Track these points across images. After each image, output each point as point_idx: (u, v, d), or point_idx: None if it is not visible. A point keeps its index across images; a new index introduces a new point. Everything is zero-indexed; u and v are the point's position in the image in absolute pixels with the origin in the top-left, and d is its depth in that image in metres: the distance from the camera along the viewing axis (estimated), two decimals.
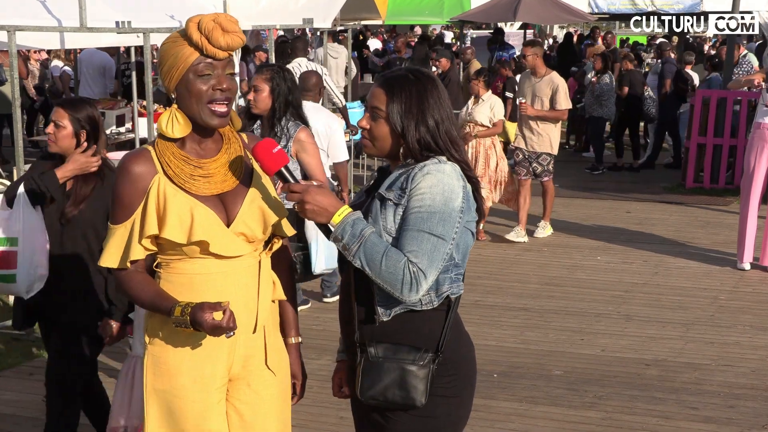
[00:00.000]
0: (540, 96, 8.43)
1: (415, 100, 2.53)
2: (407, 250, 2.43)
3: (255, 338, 2.61)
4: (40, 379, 5.26)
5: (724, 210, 10.17)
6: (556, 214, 9.78)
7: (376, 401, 2.54)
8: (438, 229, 2.44)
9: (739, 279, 7.44)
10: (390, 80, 2.58)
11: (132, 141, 8.66)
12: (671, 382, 5.30)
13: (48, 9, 6.47)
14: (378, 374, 2.52)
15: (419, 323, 2.53)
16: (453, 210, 2.46)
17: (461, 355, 2.62)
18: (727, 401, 5.03)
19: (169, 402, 2.56)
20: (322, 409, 4.72)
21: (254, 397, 2.65)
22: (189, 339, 2.53)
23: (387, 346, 2.53)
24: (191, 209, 2.48)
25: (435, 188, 2.45)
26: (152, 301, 2.51)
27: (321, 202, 2.45)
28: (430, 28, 24.52)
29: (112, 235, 2.54)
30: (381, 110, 2.54)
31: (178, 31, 2.51)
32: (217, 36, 2.42)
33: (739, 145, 11.01)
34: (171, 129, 2.51)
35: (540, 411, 4.90)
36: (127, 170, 2.50)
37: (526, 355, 5.72)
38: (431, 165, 2.49)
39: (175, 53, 2.47)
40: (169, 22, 7.45)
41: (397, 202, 2.48)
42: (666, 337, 6.07)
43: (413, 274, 2.41)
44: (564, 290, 7.12)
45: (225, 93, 2.48)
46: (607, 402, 5.00)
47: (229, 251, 2.52)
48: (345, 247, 2.45)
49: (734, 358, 5.69)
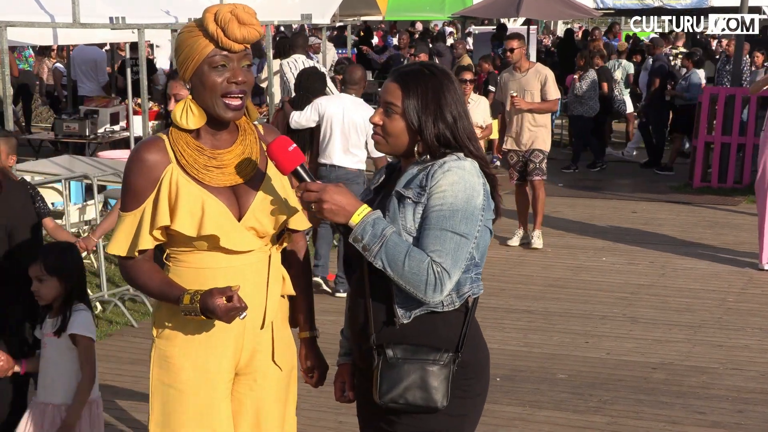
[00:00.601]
0: (530, 90, 8.17)
1: (432, 95, 2.49)
2: (430, 249, 2.39)
3: (263, 333, 2.61)
4: None
5: (732, 210, 10.10)
6: (560, 214, 9.73)
7: (396, 404, 2.48)
8: (461, 228, 2.40)
9: (748, 280, 7.37)
10: (405, 75, 2.53)
11: (126, 139, 8.61)
12: (678, 386, 5.24)
13: (41, 4, 6.42)
14: (397, 376, 2.46)
15: (439, 324, 2.49)
16: (475, 208, 2.43)
17: (479, 358, 2.59)
18: (735, 406, 4.97)
19: (173, 396, 2.55)
20: (320, 413, 4.69)
21: (260, 392, 2.65)
22: (195, 333, 2.53)
23: (406, 347, 2.48)
24: (203, 202, 2.47)
25: (456, 186, 2.41)
26: (161, 289, 2.50)
27: (340, 201, 2.41)
28: (431, 23, 24.47)
29: (121, 223, 2.54)
30: (396, 106, 2.50)
31: (195, 20, 2.49)
32: (233, 28, 2.40)
33: (747, 143, 10.91)
34: (185, 120, 2.49)
35: (544, 416, 4.84)
36: (140, 158, 2.49)
37: (529, 359, 5.67)
38: (451, 162, 2.45)
39: (191, 44, 2.45)
40: (164, 17, 7.39)
41: (416, 200, 2.44)
42: (673, 339, 6.00)
43: (437, 275, 2.37)
44: (568, 292, 7.06)
45: (240, 86, 2.47)
46: (613, 406, 4.95)
47: (239, 246, 2.51)
48: (365, 247, 2.41)
49: (743, 361, 5.63)
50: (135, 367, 5.37)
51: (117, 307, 6.31)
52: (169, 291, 2.48)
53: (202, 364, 2.54)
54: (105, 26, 6.63)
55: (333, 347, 2.99)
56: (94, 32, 7.07)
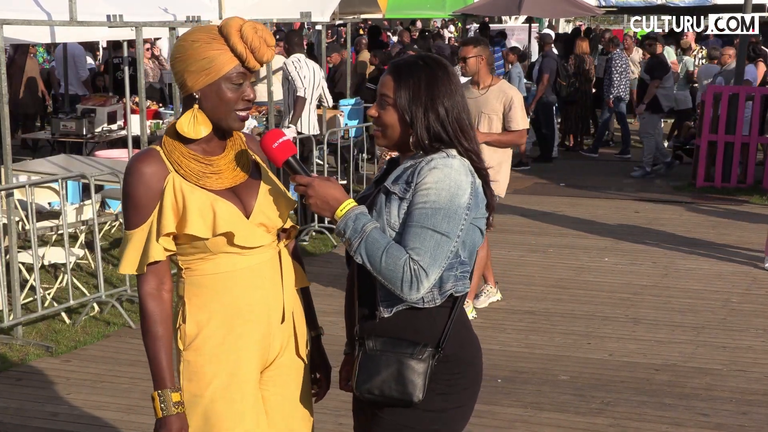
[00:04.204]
0: (488, 113, 6.15)
1: (424, 86, 2.48)
2: (409, 247, 2.38)
3: (284, 328, 2.62)
4: (28, 384, 5.16)
5: (736, 210, 10.04)
6: (562, 214, 9.67)
7: (372, 395, 2.48)
8: (442, 226, 2.38)
9: (752, 281, 7.32)
10: (399, 66, 2.54)
11: (124, 138, 8.58)
12: (681, 387, 5.21)
13: (38, 2, 6.38)
14: (375, 367, 2.47)
15: (421, 320, 2.49)
16: (459, 207, 2.40)
17: (465, 355, 2.56)
18: (739, 407, 4.94)
19: (205, 407, 2.53)
20: (320, 415, 4.53)
21: (288, 387, 2.67)
22: (224, 340, 2.53)
23: (386, 339, 2.49)
24: (212, 203, 2.47)
25: (441, 183, 2.39)
26: (155, 356, 2.47)
27: (325, 195, 2.43)
28: (431, 22, 24.44)
29: (128, 241, 2.49)
30: (389, 97, 2.50)
31: (210, 31, 2.46)
32: (263, 51, 2.45)
33: (751, 142, 10.86)
34: (192, 130, 2.48)
35: (545, 417, 4.81)
36: (139, 172, 2.46)
37: (531, 360, 5.63)
38: (438, 159, 2.44)
39: (211, 57, 2.43)
40: (162, 15, 7.36)
41: (401, 196, 2.44)
42: (676, 341, 5.97)
43: (414, 272, 2.36)
44: (570, 293, 7.02)
45: (252, 102, 2.53)
46: (615, 408, 4.92)
47: (252, 242, 2.52)
48: (348, 241, 2.43)
49: (747, 362, 5.60)
50: (133, 369, 5.32)
51: (114, 308, 6.26)
52: (156, 367, 2.46)
53: (233, 369, 2.53)
54: (102, 24, 6.60)
55: (332, 348, 2.96)
56: (92, 30, 7.05)
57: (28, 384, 5.21)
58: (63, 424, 4.70)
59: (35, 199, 6.24)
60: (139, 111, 6.78)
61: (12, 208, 5.85)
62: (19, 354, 5.62)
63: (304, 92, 8.40)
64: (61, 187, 6.21)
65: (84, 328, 6.08)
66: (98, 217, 6.34)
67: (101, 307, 6.36)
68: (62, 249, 6.37)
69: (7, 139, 5.72)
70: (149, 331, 2.49)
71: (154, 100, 12.05)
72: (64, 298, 6.32)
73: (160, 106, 11.72)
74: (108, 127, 9.92)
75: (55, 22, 6.29)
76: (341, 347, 2.84)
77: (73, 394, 5.05)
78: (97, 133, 9.89)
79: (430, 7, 17.52)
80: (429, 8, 17.68)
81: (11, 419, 4.76)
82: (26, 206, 6.14)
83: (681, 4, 15.14)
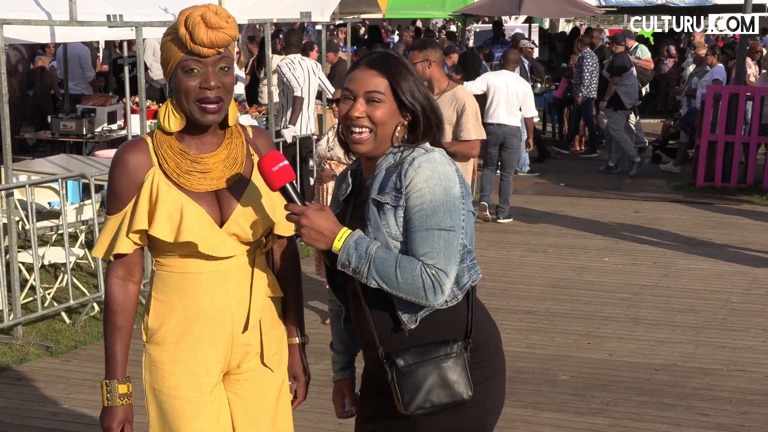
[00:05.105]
0: None
1: (411, 76, 2.44)
2: (420, 253, 2.32)
3: (249, 336, 2.57)
4: (28, 384, 5.16)
5: (736, 210, 10.04)
6: (562, 214, 9.67)
7: (424, 409, 2.41)
8: (446, 222, 2.34)
9: (752, 281, 7.32)
10: (379, 60, 2.44)
11: (124, 138, 8.56)
12: (681, 387, 5.20)
13: (38, 2, 6.37)
14: (415, 382, 2.40)
15: (445, 318, 2.44)
16: (455, 198, 2.36)
17: (489, 337, 2.54)
18: (739, 407, 4.93)
19: (164, 402, 2.55)
20: (320, 415, 4.64)
21: (251, 392, 2.64)
22: (184, 338, 2.52)
23: (414, 350, 2.42)
24: (182, 207, 2.43)
25: (431, 180, 2.34)
26: (111, 346, 2.54)
27: (318, 227, 2.33)
28: (431, 21, 24.41)
29: (105, 226, 2.52)
30: (380, 93, 2.40)
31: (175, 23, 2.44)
32: (199, 32, 2.33)
33: (751, 142, 10.85)
34: (167, 122, 2.46)
35: (545, 417, 4.80)
36: (123, 161, 2.46)
37: (531, 360, 5.62)
38: (420, 157, 2.38)
39: (167, 47, 2.41)
40: (163, 15, 7.34)
41: (395, 204, 2.36)
42: (676, 341, 5.96)
43: (433, 277, 2.31)
44: (570, 292, 7.01)
45: (214, 91, 2.39)
46: (615, 408, 4.91)
47: (219, 252, 2.47)
48: (355, 270, 2.33)
49: (747, 362, 5.59)
50: (132, 368, 5.28)
51: None
52: (110, 358, 2.53)
53: (191, 368, 2.53)
54: (102, 24, 6.59)
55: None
56: (92, 30, 7.04)
57: (28, 384, 5.20)
58: (63, 424, 4.70)
59: (35, 198, 6.24)
60: (139, 111, 6.78)
61: (12, 208, 5.84)
62: (19, 354, 5.62)
63: (301, 92, 8.41)
64: (61, 186, 6.20)
65: (84, 328, 6.08)
66: (98, 217, 6.34)
67: (101, 306, 6.36)
68: (62, 249, 6.37)
69: (7, 139, 5.71)
70: (108, 320, 2.52)
71: (154, 99, 12.03)
72: (64, 298, 6.31)
73: (159, 105, 11.70)
74: (108, 127, 9.90)
75: (55, 22, 6.28)
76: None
77: (73, 394, 5.05)
78: (97, 133, 9.88)
79: (430, 7, 17.50)
80: (429, 8, 17.67)
81: (11, 419, 4.76)
82: (26, 206, 6.14)
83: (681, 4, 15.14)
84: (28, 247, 6.29)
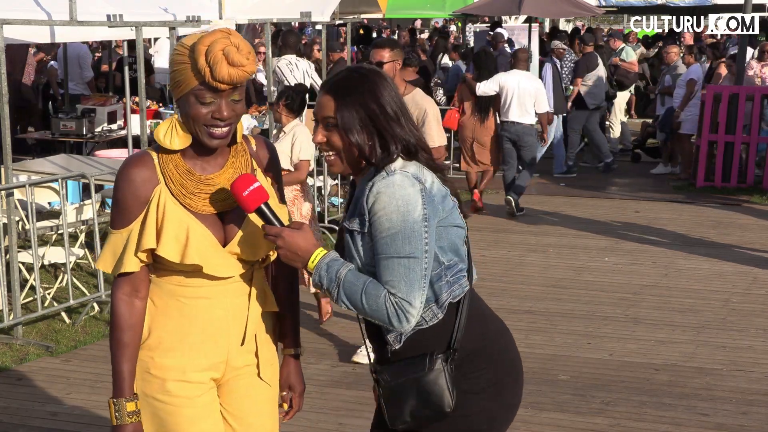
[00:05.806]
0: None
1: (368, 96, 2.38)
2: (384, 281, 2.33)
3: (245, 350, 2.58)
4: (28, 384, 5.16)
5: (736, 209, 10.03)
6: (562, 214, 9.66)
7: (407, 424, 2.44)
8: (405, 250, 2.31)
9: (752, 281, 7.32)
10: (335, 84, 2.41)
11: (124, 138, 8.56)
12: (681, 387, 5.20)
13: (38, 2, 6.37)
14: (397, 398, 2.43)
15: (427, 335, 2.43)
16: (414, 222, 2.31)
17: (489, 348, 2.51)
18: (739, 407, 4.92)
19: (158, 408, 2.53)
20: (320, 415, 4.65)
21: (247, 405, 2.63)
22: (176, 345, 2.51)
23: (395, 366, 2.44)
24: (188, 228, 2.43)
25: (388, 207, 2.31)
26: (118, 364, 2.48)
27: (295, 247, 2.36)
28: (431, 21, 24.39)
29: (109, 240, 2.50)
30: (332, 118, 2.38)
31: (192, 42, 2.37)
32: (221, 71, 2.30)
33: (751, 142, 10.85)
34: (169, 141, 2.44)
35: (546, 417, 4.80)
36: (129, 177, 2.44)
37: (531, 360, 5.59)
38: (379, 182, 2.34)
39: (181, 69, 2.36)
40: (163, 15, 7.34)
41: (361, 230, 2.37)
42: (676, 340, 5.95)
43: (396, 305, 2.31)
44: (570, 292, 7.00)
45: (225, 121, 2.39)
46: (615, 408, 4.90)
47: (221, 272, 2.49)
48: (327, 291, 2.38)
49: (747, 362, 5.59)
50: None
51: None
52: (117, 375, 2.47)
53: (185, 374, 2.52)
54: (102, 24, 6.59)
55: (333, 349, 2.95)
56: (92, 30, 7.04)
57: (28, 384, 5.20)
58: (63, 424, 4.69)
59: (35, 198, 6.24)
60: (139, 111, 6.78)
61: (12, 208, 5.84)
62: (19, 354, 5.62)
63: None
64: (61, 186, 6.20)
65: (84, 328, 6.07)
66: (98, 217, 6.34)
67: (101, 306, 6.36)
68: (62, 249, 6.37)
69: (7, 139, 5.71)
70: (114, 337, 2.48)
71: (154, 100, 12.03)
72: (64, 298, 6.31)
73: (160, 105, 11.70)
74: (108, 127, 9.90)
75: (55, 22, 6.28)
76: (342, 347, 2.82)
77: (73, 394, 5.05)
78: (97, 133, 9.88)
79: (430, 7, 17.49)
80: (429, 8, 17.65)
81: (11, 419, 4.75)
82: (26, 206, 6.14)
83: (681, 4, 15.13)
84: (28, 247, 6.28)
